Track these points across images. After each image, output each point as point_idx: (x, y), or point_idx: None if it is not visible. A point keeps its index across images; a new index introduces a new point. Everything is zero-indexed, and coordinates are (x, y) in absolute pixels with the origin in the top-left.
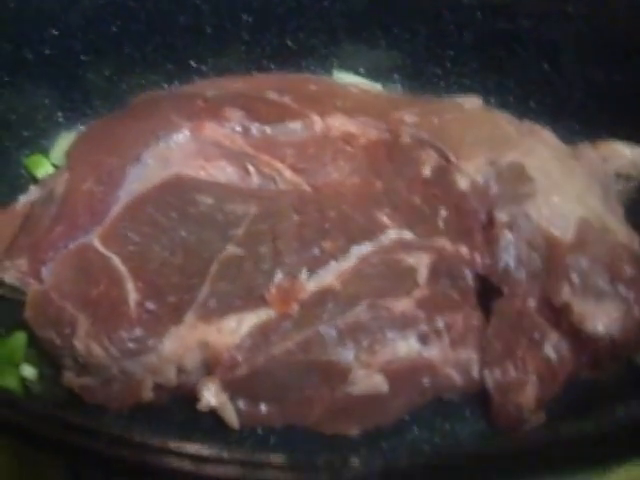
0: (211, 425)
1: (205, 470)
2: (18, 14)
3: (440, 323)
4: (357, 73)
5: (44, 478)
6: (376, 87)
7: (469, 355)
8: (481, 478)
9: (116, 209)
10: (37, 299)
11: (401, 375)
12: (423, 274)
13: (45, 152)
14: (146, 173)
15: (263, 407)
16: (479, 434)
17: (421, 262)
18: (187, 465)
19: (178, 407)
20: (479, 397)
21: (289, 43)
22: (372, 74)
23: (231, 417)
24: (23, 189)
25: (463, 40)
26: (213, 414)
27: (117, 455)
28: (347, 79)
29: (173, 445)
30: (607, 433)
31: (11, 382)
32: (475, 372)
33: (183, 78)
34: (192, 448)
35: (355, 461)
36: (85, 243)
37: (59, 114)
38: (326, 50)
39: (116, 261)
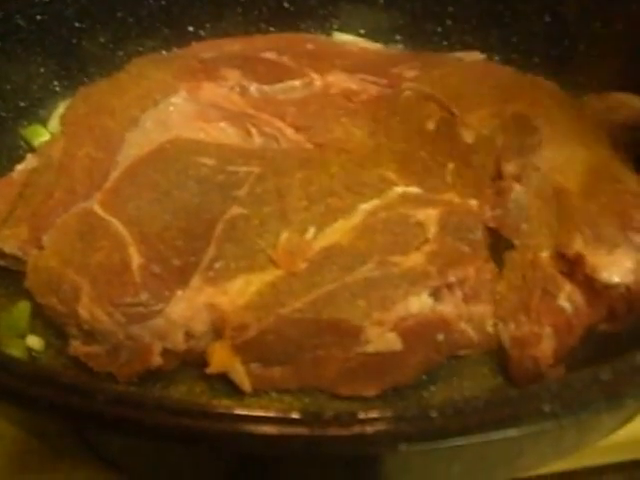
0: (222, 389)
1: (206, 426)
2: None
3: (452, 277)
4: (357, 34)
5: None
6: (376, 47)
7: (483, 309)
8: (495, 423)
9: (115, 173)
10: (38, 266)
11: (415, 332)
12: (432, 229)
13: (43, 122)
14: (145, 137)
15: (276, 369)
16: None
17: (429, 217)
18: (189, 421)
19: (188, 373)
20: (496, 354)
21: (286, 5)
22: (372, 34)
23: (243, 380)
24: (22, 161)
25: None
26: (225, 379)
27: (118, 414)
28: (347, 39)
29: (173, 402)
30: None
31: (17, 353)
32: (489, 326)
33: (181, 43)
34: (193, 405)
35: (363, 414)
36: (85, 208)
37: (55, 83)
38: (324, 11)
39: (117, 225)
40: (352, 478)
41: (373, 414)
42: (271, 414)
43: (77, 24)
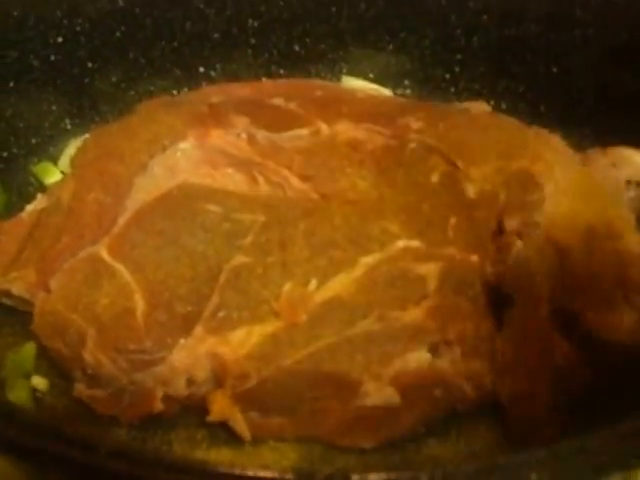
0: (223, 436)
1: None
2: (22, 21)
3: (450, 333)
4: (366, 78)
5: None
6: (385, 92)
7: (480, 365)
8: None
9: (123, 219)
10: (45, 310)
11: (412, 387)
12: (432, 284)
13: (53, 160)
14: (153, 182)
15: (274, 419)
16: (494, 445)
17: (430, 271)
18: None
19: (189, 418)
20: (494, 407)
21: (296, 48)
22: (381, 79)
23: (242, 429)
24: (32, 197)
25: (471, 44)
26: (225, 426)
27: (117, 469)
28: (356, 84)
29: (171, 459)
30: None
31: (21, 393)
32: (487, 382)
33: (191, 84)
34: (192, 462)
35: (356, 477)
36: (92, 253)
37: (67, 121)
38: (334, 55)
39: (123, 272)
40: None
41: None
42: (267, 474)
43: (90, 64)
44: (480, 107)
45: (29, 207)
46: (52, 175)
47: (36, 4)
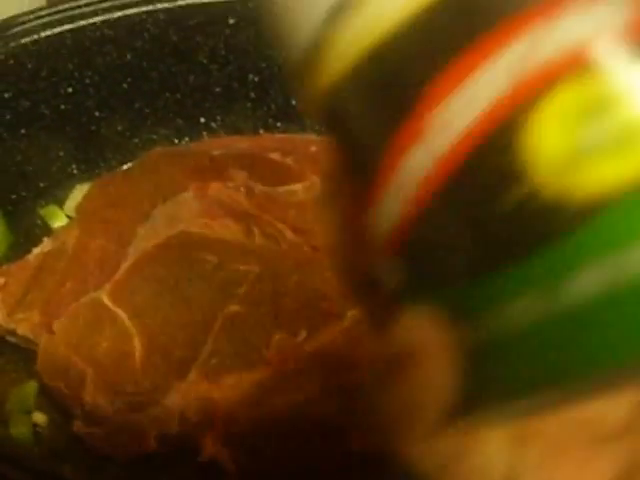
0: (212, 475)
1: None
2: (35, 72)
3: None
4: None
5: None
6: None
7: None
8: None
9: (125, 266)
10: (48, 351)
11: None
12: None
13: (59, 203)
14: (154, 230)
15: (261, 460)
16: None
17: None
18: None
19: (181, 457)
20: None
21: (293, 102)
22: None
23: (230, 468)
24: (38, 239)
25: None
26: (214, 465)
27: None
28: None
29: None
30: None
31: (23, 429)
32: None
33: (193, 134)
34: None
35: None
36: (95, 298)
37: (73, 166)
38: None
39: (123, 317)
40: None
41: None
42: None
43: (97, 113)
44: None
45: (36, 250)
46: (58, 218)
47: (49, 57)
